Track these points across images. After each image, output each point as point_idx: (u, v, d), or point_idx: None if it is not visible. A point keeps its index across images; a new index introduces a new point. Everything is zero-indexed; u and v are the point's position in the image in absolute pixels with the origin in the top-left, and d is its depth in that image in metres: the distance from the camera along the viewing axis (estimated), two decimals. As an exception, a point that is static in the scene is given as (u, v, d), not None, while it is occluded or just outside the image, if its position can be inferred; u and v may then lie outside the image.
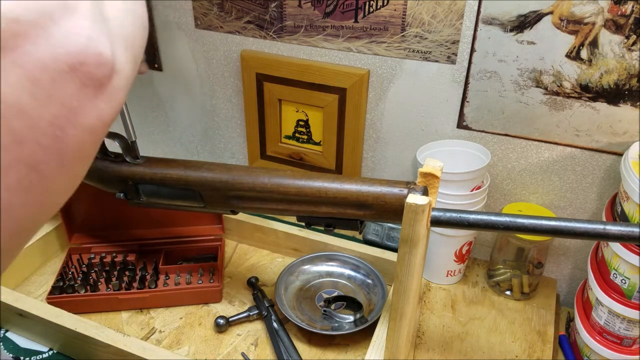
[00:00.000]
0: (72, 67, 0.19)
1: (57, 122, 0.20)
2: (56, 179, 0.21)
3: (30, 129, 0.19)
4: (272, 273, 0.92)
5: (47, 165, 0.20)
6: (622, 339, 0.72)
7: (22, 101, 0.18)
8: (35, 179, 0.20)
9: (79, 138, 0.21)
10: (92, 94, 0.20)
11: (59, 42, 0.19)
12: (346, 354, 0.77)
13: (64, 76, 0.19)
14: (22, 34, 0.18)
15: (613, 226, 0.48)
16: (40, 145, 0.19)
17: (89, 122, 0.21)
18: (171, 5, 0.99)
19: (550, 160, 0.84)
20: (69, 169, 0.21)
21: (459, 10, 0.78)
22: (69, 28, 0.19)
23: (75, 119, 0.20)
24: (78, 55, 0.19)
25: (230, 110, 1.06)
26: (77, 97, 0.20)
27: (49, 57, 0.19)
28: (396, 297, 0.58)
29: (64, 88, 0.19)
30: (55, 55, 0.19)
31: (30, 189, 0.20)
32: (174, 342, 0.78)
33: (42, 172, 0.20)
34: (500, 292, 0.89)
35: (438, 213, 0.55)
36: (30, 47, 0.18)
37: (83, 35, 0.20)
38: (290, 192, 0.62)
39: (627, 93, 0.73)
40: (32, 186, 0.20)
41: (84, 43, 0.20)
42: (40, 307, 0.75)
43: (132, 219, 0.91)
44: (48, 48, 0.18)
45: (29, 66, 0.18)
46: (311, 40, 0.90)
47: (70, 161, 0.21)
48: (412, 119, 0.90)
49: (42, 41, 0.18)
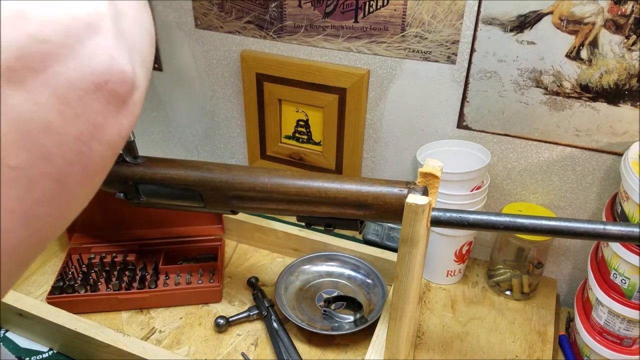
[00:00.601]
0: (98, 85, 0.20)
1: (83, 138, 0.20)
2: (78, 191, 0.22)
3: (57, 146, 0.19)
4: (272, 273, 0.92)
5: (71, 178, 0.21)
6: (622, 339, 0.72)
7: (51, 119, 0.19)
8: (59, 191, 0.21)
9: (102, 152, 0.22)
10: (115, 110, 0.21)
11: (86, 61, 0.19)
12: (346, 354, 0.77)
13: (90, 95, 0.20)
14: (52, 55, 0.18)
15: (613, 226, 0.48)
16: (66, 160, 0.20)
17: (111, 137, 0.22)
18: (171, 5, 0.99)
19: (550, 160, 0.84)
20: (90, 180, 0.22)
21: (459, 10, 0.78)
22: (94, 48, 0.20)
23: (99, 134, 0.21)
24: (103, 74, 0.20)
25: (230, 110, 1.06)
26: (102, 114, 0.21)
27: (77, 77, 0.19)
28: (396, 297, 0.58)
29: (90, 106, 0.20)
30: (83, 74, 0.19)
31: (54, 201, 0.21)
32: (174, 342, 0.78)
33: (66, 185, 0.21)
34: (500, 292, 0.89)
35: (438, 213, 0.55)
36: (59, 67, 0.19)
37: (107, 54, 0.20)
38: (290, 192, 0.62)
39: (627, 93, 0.73)
40: (56, 198, 0.21)
41: (108, 62, 0.20)
42: (40, 307, 0.75)
43: (132, 219, 0.91)
44: (76, 68, 0.19)
45: (57, 86, 0.19)
46: (311, 40, 0.90)
47: (92, 174, 0.22)
48: (412, 119, 0.90)
49: (70, 61, 0.19)
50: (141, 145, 0.71)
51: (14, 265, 0.20)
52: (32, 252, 0.22)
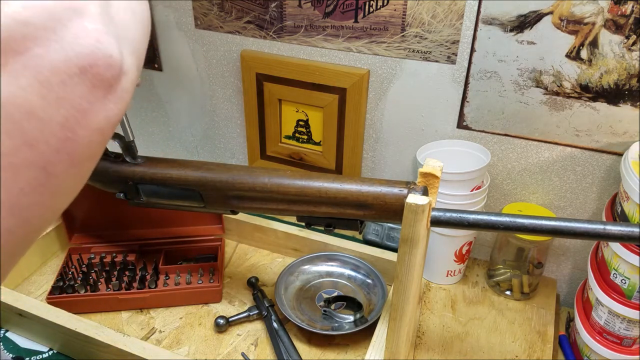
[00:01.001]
0: (83, 69, 0.19)
1: (68, 124, 0.20)
2: (65, 179, 0.21)
3: (41, 131, 0.19)
4: (272, 273, 0.92)
5: (57, 166, 0.20)
6: (622, 339, 0.72)
7: (33, 103, 0.18)
8: (45, 180, 0.20)
9: (89, 139, 0.21)
10: (102, 95, 0.21)
11: (69, 45, 0.19)
12: (346, 354, 0.77)
13: (74, 79, 0.19)
14: (32, 37, 0.18)
15: (613, 226, 0.48)
16: (51, 147, 0.20)
17: (98, 123, 0.21)
18: (171, 5, 0.99)
19: (550, 160, 0.84)
20: (78, 168, 0.22)
21: (459, 10, 0.78)
22: (79, 31, 0.19)
23: (85, 120, 0.20)
24: (88, 58, 0.20)
25: (230, 110, 1.06)
26: (87, 99, 0.20)
27: (60, 60, 0.19)
28: (396, 297, 0.58)
29: (75, 90, 0.20)
30: (66, 58, 0.19)
31: (40, 190, 0.20)
32: (174, 342, 0.78)
33: (52, 173, 0.20)
34: (500, 292, 0.89)
35: (438, 213, 0.55)
36: (40, 50, 0.18)
37: (92, 37, 0.20)
38: (290, 192, 0.62)
39: (627, 93, 0.73)
40: (42, 187, 0.20)
41: (93, 45, 0.20)
42: (40, 307, 0.74)
43: (132, 219, 0.91)
44: (58, 51, 0.19)
45: (40, 69, 0.18)
46: (311, 40, 0.90)
47: (80, 161, 0.21)
48: (412, 118, 0.90)
49: (52, 44, 0.19)
50: (141, 145, 0.71)
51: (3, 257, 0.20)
52: (20, 244, 0.21)
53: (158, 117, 1.16)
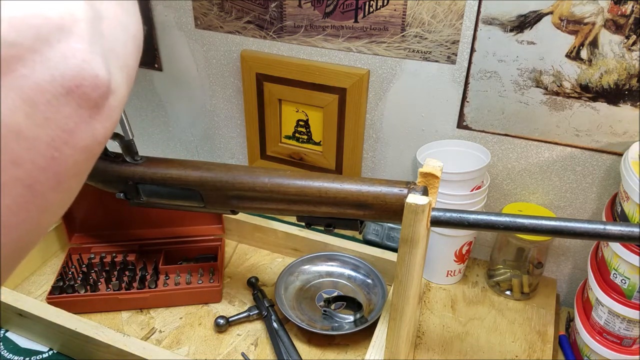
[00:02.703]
0: (69, 89, 0.19)
1: (54, 144, 0.20)
2: (52, 197, 0.21)
3: (27, 150, 0.19)
4: (272, 273, 0.92)
5: (43, 184, 0.20)
6: (622, 339, 0.72)
7: (19, 123, 0.18)
8: (31, 198, 0.20)
9: (75, 158, 0.21)
10: (88, 115, 0.21)
11: (55, 65, 0.19)
12: (346, 354, 0.77)
13: (60, 99, 0.19)
14: (18, 58, 0.18)
15: (613, 226, 0.48)
16: (37, 166, 0.20)
17: (84, 142, 0.21)
18: (171, 5, 0.99)
19: (550, 160, 0.84)
20: (65, 186, 0.22)
21: (459, 10, 0.78)
22: (65, 51, 0.19)
23: (71, 140, 0.20)
24: (74, 78, 0.20)
25: (230, 110, 1.06)
26: (73, 119, 0.20)
27: (46, 81, 0.19)
28: (396, 297, 0.58)
29: (61, 110, 0.20)
30: (52, 78, 0.19)
31: (26, 208, 0.20)
32: (174, 342, 0.78)
33: (38, 191, 0.20)
34: (500, 292, 0.89)
35: (438, 213, 0.55)
36: (26, 70, 0.18)
37: (79, 57, 0.20)
38: (290, 192, 0.62)
39: (627, 93, 0.73)
40: (28, 205, 0.20)
41: (79, 65, 0.20)
42: (40, 307, 0.75)
43: (132, 219, 0.91)
44: (44, 71, 0.19)
45: (26, 89, 0.18)
46: (311, 40, 0.90)
47: (66, 180, 0.21)
48: (412, 119, 0.90)
49: (38, 65, 0.19)
50: (141, 145, 0.71)
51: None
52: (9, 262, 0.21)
53: (158, 117, 1.16)
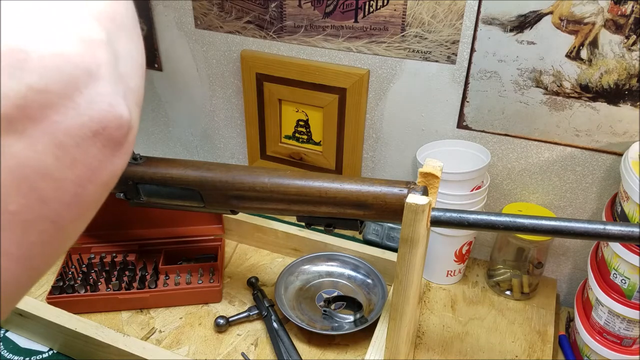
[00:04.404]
0: (96, 132, 0.21)
1: (79, 181, 0.21)
2: (72, 228, 0.23)
3: (54, 189, 0.20)
4: (272, 273, 0.92)
5: (66, 219, 0.21)
6: (622, 339, 0.72)
7: (48, 165, 0.19)
8: (55, 233, 0.21)
9: (96, 193, 0.22)
10: (111, 153, 0.22)
11: (84, 110, 0.20)
12: (346, 354, 0.77)
13: (87, 141, 0.20)
14: (50, 104, 0.19)
15: (613, 226, 0.48)
16: (62, 203, 0.21)
17: (105, 178, 0.22)
18: (171, 5, 0.99)
19: (550, 160, 0.84)
20: (83, 218, 0.23)
21: (459, 10, 0.78)
22: (93, 96, 0.20)
23: (94, 177, 0.22)
24: (101, 121, 0.21)
25: (230, 110, 1.06)
26: (98, 158, 0.21)
27: (75, 125, 0.20)
28: (396, 297, 0.58)
29: (87, 151, 0.21)
30: (81, 122, 0.20)
31: (49, 242, 0.21)
32: (174, 342, 0.78)
33: (61, 226, 0.21)
34: (500, 292, 0.89)
35: (438, 213, 0.55)
36: (58, 117, 0.19)
37: (105, 102, 0.21)
38: (290, 192, 0.62)
39: (627, 93, 0.73)
40: (52, 239, 0.21)
41: (105, 110, 0.21)
42: (40, 307, 0.75)
43: (132, 219, 0.91)
44: (74, 117, 0.20)
45: (57, 134, 0.19)
46: (311, 40, 0.90)
47: (86, 212, 0.23)
48: (412, 119, 0.90)
49: (69, 111, 0.19)
50: (141, 145, 0.71)
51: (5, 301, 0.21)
52: (22, 288, 0.22)
53: (158, 117, 1.16)
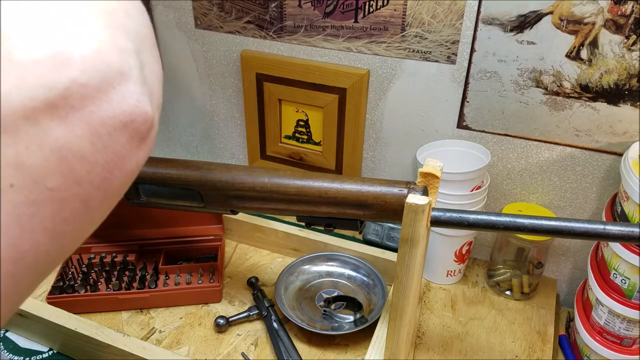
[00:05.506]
0: (125, 124, 0.24)
1: (108, 167, 0.24)
2: (98, 211, 0.26)
3: (88, 172, 0.23)
4: (272, 273, 0.92)
5: (95, 201, 0.25)
6: (622, 339, 0.72)
7: (84, 149, 0.23)
8: (84, 211, 0.24)
9: (121, 179, 0.26)
10: (136, 145, 0.25)
11: (116, 104, 0.24)
12: (346, 354, 0.77)
13: (118, 131, 0.24)
14: (89, 97, 0.23)
15: (613, 226, 0.48)
16: (93, 185, 0.24)
17: (130, 167, 0.26)
18: (171, 5, 0.99)
19: (550, 160, 0.84)
20: (109, 203, 0.26)
21: (459, 10, 0.78)
22: (124, 92, 0.24)
23: (122, 164, 0.25)
24: (130, 115, 0.24)
25: (230, 110, 1.06)
26: (125, 148, 0.25)
27: (109, 116, 0.23)
28: (396, 297, 0.58)
29: (117, 140, 0.24)
30: (113, 115, 0.24)
31: (79, 220, 0.24)
32: (174, 342, 0.78)
33: (90, 206, 0.25)
34: (500, 292, 0.89)
35: (438, 213, 0.55)
36: (94, 107, 0.23)
37: (134, 98, 0.25)
38: (290, 192, 0.62)
39: (627, 93, 0.73)
40: (81, 218, 0.24)
41: (134, 105, 0.25)
42: (40, 307, 0.75)
43: (132, 219, 0.91)
44: (108, 109, 0.23)
45: (93, 122, 0.23)
46: (311, 40, 0.90)
47: (111, 197, 0.26)
48: (412, 119, 0.90)
49: (103, 104, 0.23)
50: (141, 145, 0.71)
51: (35, 276, 0.24)
52: (51, 265, 0.24)
53: (158, 117, 1.15)
